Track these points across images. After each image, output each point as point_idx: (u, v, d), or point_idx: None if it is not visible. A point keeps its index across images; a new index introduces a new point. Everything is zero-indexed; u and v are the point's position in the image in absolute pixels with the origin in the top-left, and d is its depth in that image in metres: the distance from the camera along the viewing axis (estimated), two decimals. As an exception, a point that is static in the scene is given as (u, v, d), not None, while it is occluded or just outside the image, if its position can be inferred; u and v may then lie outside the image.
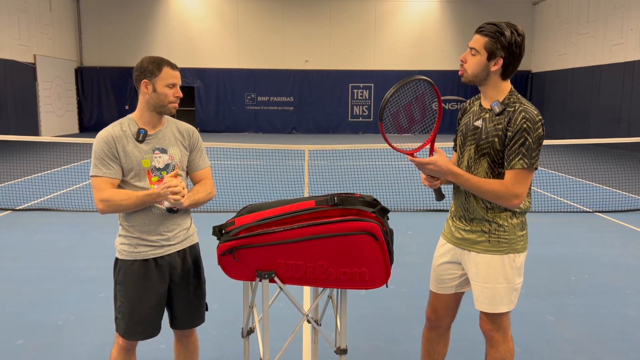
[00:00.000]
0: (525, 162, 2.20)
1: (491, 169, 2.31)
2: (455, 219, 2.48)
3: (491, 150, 2.28)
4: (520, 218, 2.38)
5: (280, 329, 3.64)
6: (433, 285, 2.63)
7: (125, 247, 2.44)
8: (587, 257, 5.54)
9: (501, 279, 2.35)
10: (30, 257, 5.38)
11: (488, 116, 2.31)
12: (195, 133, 2.59)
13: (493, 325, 2.41)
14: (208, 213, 7.19)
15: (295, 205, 2.29)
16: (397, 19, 21.57)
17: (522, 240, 2.38)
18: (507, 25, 2.22)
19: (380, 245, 2.12)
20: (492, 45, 2.22)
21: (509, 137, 2.22)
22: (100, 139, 2.36)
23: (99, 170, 2.34)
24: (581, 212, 7.68)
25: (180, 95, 2.42)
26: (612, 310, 4.18)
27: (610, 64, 16.52)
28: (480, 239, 2.36)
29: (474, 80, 2.31)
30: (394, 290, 4.48)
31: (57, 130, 19.42)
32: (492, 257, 2.34)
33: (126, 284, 2.44)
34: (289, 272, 2.18)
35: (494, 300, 2.36)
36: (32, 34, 17.90)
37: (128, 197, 2.31)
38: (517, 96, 2.28)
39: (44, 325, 3.80)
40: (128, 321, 2.44)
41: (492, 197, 2.23)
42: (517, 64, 2.27)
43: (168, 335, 2.84)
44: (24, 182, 9.62)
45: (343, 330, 2.34)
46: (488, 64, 2.25)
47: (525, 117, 2.20)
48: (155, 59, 2.37)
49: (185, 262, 2.54)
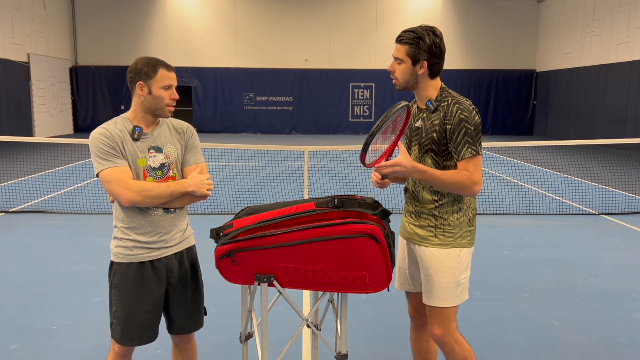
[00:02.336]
0: (472, 149, 2.30)
1: (435, 163, 2.41)
2: (407, 214, 2.58)
3: (432, 145, 2.39)
4: (467, 214, 2.45)
5: (280, 333, 3.61)
6: (402, 286, 2.70)
7: (120, 250, 2.39)
8: (593, 260, 5.49)
9: (446, 273, 2.41)
10: (24, 261, 5.33)
11: (425, 115, 2.44)
12: (190, 130, 2.54)
13: (441, 329, 2.45)
14: (205, 215, 7.13)
15: (294, 207, 2.29)
16: (399, 17, 21.50)
17: (468, 236, 2.46)
18: (424, 29, 2.36)
19: (381, 248, 2.12)
20: (414, 51, 2.35)
21: (450, 131, 2.33)
22: (98, 134, 2.29)
23: (109, 162, 2.26)
24: (587, 214, 7.64)
25: (176, 97, 2.38)
26: (619, 314, 4.13)
27: (616, 63, 16.45)
28: (428, 234, 2.45)
29: (407, 86, 2.45)
30: (395, 294, 4.40)
31: (52, 131, 19.34)
32: (439, 250, 2.42)
33: (122, 288, 2.39)
34: (288, 275, 2.17)
35: (437, 293, 2.43)
36: (25, 33, 17.82)
37: (158, 186, 2.27)
38: (448, 91, 2.42)
39: (38, 330, 3.76)
40: (124, 326, 2.39)
41: (455, 187, 2.31)
42: (442, 61, 2.41)
43: (165, 340, 2.80)
44: (17, 184, 9.57)
45: (343, 335, 2.32)
46: (414, 68, 2.38)
47: (460, 108, 2.32)
48: (150, 60, 2.32)
49: (182, 264, 2.50)
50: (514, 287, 4.67)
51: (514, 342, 3.62)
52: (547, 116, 20.95)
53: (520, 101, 22.11)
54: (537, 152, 15.20)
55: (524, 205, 8.03)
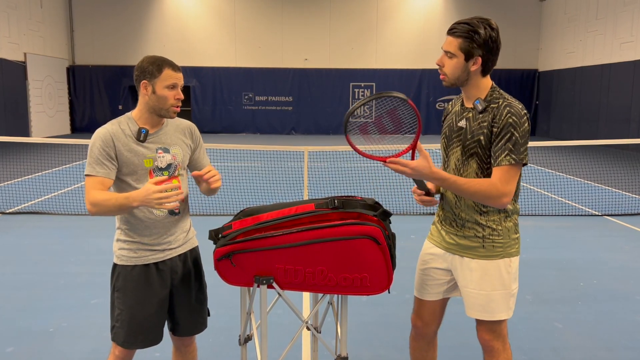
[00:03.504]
0: (512, 158, 2.16)
1: (481, 169, 2.28)
2: (445, 223, 2.43)
3: (479, 150, 2.25)
4: (513, 220, 2.34)
5: (279, 336, 3.59)
6: (418, 292, 2.57)
7: (124, 252, 2.37)
8: (596, 262, 5.45)
9: (498, 285, 2.31)
10: (21, 262, 5.30)
11: (471, 115, 2.29)
12: (196, 130, 2.57)
13: (492, 335, 2.36)
14: (204, 216, 7.10)
15: (294, 208, 2.28)
16: (400, 16, 21.45)
17: (516, 244, 2.35)
18: (480, 22, 2.19)
19: (382, 250, 2.10)
20: (468, 46, 2.19)
21: (495, 134, 2.19)
22: (98, 137, 2.28)
23: (93, 169, 2.26)
24: (590, 215, 7.60)
25: (181, 97, 2.36)
26: (622, 317, 4.10)
27: (620, 63, 16.36)
28: (474, 244, 2.32)
29: (456, 83, 2.29)
30: (396, 297, 4.40)
31: (48, 131, 19.25)
32: (488, 262, 2.30)
33: (125, 291, 2.37)
34: (287, 277, 2.17)
35: (489, 307, 2.32)
36: (22, 32, 17.74)
37: (110, 198, 2.21)
38: (500, 92, 2.26)
39: (34, 332, 3.74)
40: (128, 329, 2.37)
41: (480, 197, 2.18)
42: (496, 58, 2.25)
43: (164, 342, 2.77)
44: (13, 185, 9.52)
45: (344, 338, 2.31)
46: (467, 64, 2.22)
47: (511, 111, 2.17)
48: (156, 59, 2.30)
49: (186, 266, 2.50)
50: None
51: (516, 345, 3.58)
52: (550, 116, 20.91)
53: (523, 101, 21.99)
54: (539, 152, 15.16)
55: (527, 206, 8.00)
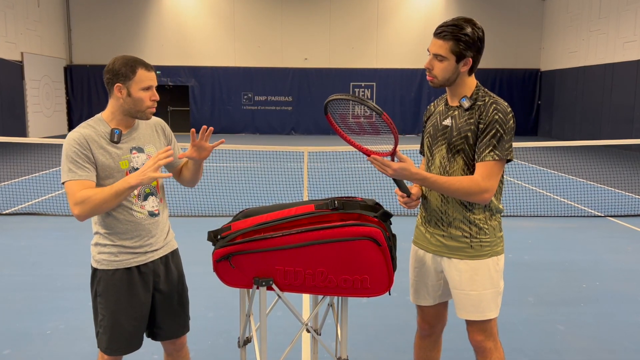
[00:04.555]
0: (496, 154, 2.19)
1: (467, 166, 2.29)
2: (430, 224, 2.43)
3: (466, 146, 2.27)
4: (497, 219, 2.37)
5: (279, 338, 3.58)
6: (414, 298, 2.58)
7: (104, 256, 2.31)
8: (599, 263, 5.43)
9: (488, 284, 2.32)
10: (17, 264, 5.27)
11: (457, 113, 2.31)
12: (166, 125, 2.51)
13: (484, 335, 2.37)
14: (203, 217, 7.07)
15: (294, 209, 2.26)
16: (401, 15, 21.42)
17: (501, 242, 2.38)
18: (466, 22, 2.20)
19: (382, 251, 2.09)
20: (458, 48, 2.20)
21: (481, 130, 2.23)
22: (72, 140, 2.19)
23: (73, 173, 2.16)
24: (592, 216, 7.57)
25: (157, 98, 2.29)
26: (625, 319, 4.08)
27: (622, 62, 16.31)
28: (461, 244, 2.32)
29: (445, 84, 2.31)
30: (396, 298, 4.38)
31: (46, 131, 19.18)
32: (477, 262, 2.31)
33: (107, 296, 2.31)
34: (287, 279, 2.16)
35: (481, 307, 2.33)
36: (19, 31, 17.68)
37: (101, 190, 2.14)
38: (485, 90, 2.31)
39: (31, 335, 3.71)
40: (110, 335, 2.32)
41: (462, 194, 2.22)
42: (481, 57, 2.28)
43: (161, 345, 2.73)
44: (10, 186, 9.49)
45: (344, 340, 2.31)
46: (457, 66, 2.24)
47: (497, 108, 2.21)
48: (128, 60, 2.23)
49: (168, 268, 2.46)
50: (518, 291, 4.61)
51: (517, 347, 3.57)
52: (552, 116, 20.86)
53: (525, 101, 22.02)
54: (541, 152, 15.15)
55: (528, 207, 7.97)
